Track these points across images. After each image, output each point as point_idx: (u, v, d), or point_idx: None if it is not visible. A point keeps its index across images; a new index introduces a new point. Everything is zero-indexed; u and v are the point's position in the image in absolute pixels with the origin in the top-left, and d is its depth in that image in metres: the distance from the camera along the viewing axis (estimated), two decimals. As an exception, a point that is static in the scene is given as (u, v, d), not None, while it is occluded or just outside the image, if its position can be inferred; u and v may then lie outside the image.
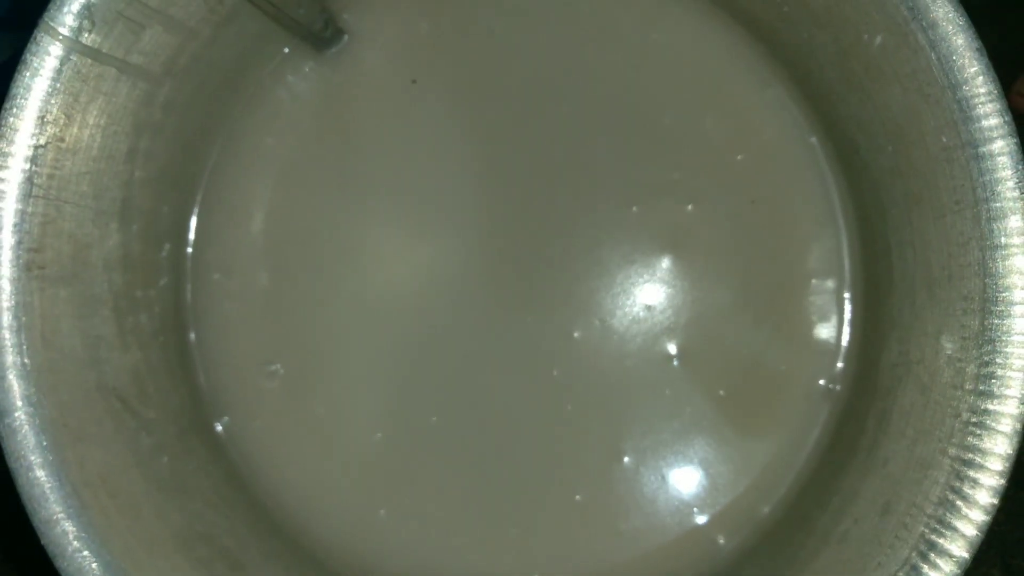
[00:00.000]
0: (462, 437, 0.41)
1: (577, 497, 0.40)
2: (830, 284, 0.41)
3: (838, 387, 0.40)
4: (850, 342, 0.40)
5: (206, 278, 0.42)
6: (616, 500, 0.40)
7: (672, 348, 0.41)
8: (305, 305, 0.42)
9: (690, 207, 0.41)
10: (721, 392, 0.41)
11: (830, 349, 0.41)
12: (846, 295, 0.41)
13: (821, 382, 0.40)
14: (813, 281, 0.41)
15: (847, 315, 0.41)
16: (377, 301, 0.42)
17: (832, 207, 0.41)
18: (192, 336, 0.42)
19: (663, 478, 0.40)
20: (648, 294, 0.42)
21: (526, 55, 0.43)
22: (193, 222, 0.43)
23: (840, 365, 0.40)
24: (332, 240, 0.43)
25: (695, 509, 0.40)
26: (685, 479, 0.40)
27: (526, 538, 0.41)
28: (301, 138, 0.43)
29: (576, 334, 0.41)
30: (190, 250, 0.43)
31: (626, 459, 0.41)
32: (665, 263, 0.42)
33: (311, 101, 0.43)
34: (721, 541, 0.40)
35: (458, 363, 0.42)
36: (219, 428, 0.42)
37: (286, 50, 0.43)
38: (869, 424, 0.36)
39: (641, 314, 0.41)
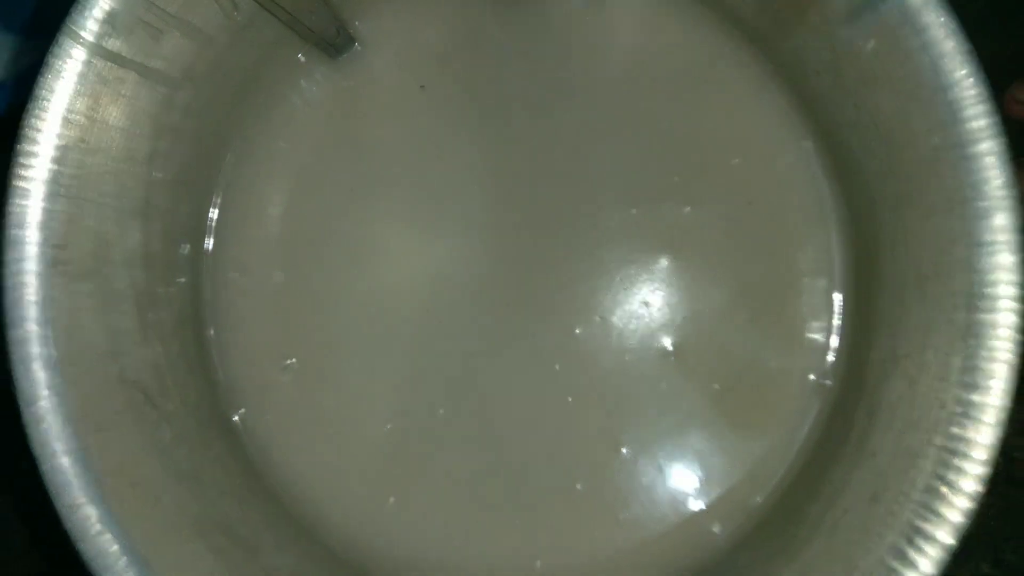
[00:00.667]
0: (468, 428, 0.42)
1: (578, 487, 0.41)
2: (822, 282, 0.42)
3: (829, 382, 0.41)
4: (841, 338, 0.41)
5: (223, 276, 0.43)
6: (615, 490, 0.41)
7: (669, 344, 0.42)
8: (318, 302, 0.43)
9: (687, 209, 0.42)
10: (716, 387, 0.42)
11: (822, 345, 0.41)
12: (837, 293, 0.41)
13: (812, 377, 0.41)
14: (806, 280, 0.42)
15: (838, 312, 0.41)
16: (387, 298, 0.43)
17: (825, 208, 0.42)
18: (211, 332, 0.43)
19: (660, 469, 0.41)
20: (647, 293, 0.43)
21: (530, 62, 0.44)
22: (211, 222, 0.44)
23: (831, 361, 0.41)
24: (343, 240, 0.44)
25: (691, 499, 0.41)
26: (682, 470, 0.41)
27: (529, 526, 0.41)
28: (314, 142, 0.44)
29: (577, 330, 0.42)
30: (208, 249, 0.44)
31: (624, 450, 0.41)
32: (663, 263, 0.43)
33: (323, 106, 0.44)
34: (716, 530, 0.41)
35: (464, 358, 0.43)
36: (236, 420, 0.43)
37: (300, 56, 0.44)
38: (858, 417, 0.37)
39: (640, 311, 0.42)
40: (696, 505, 0.41)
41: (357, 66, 0.45)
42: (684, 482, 0.41)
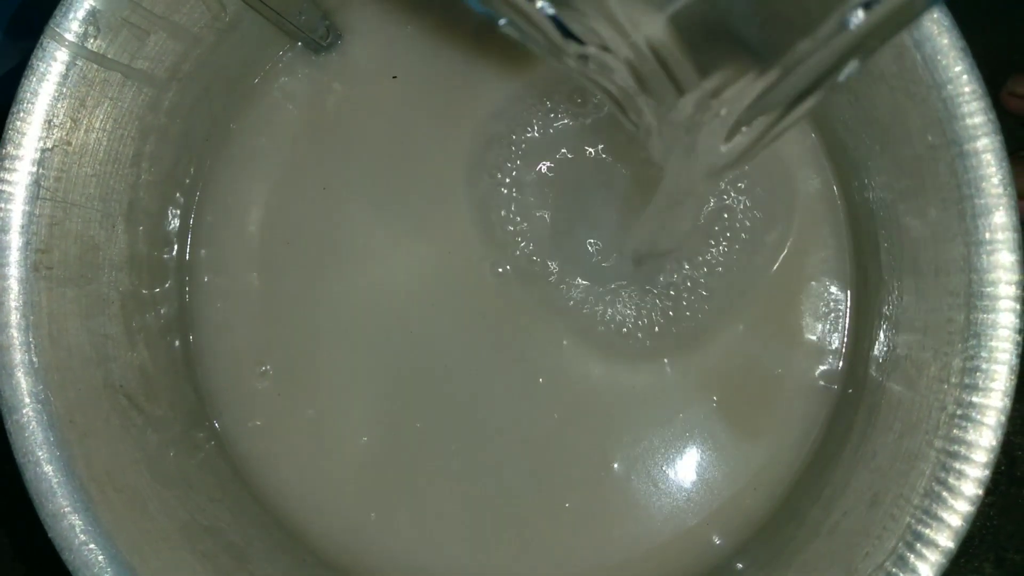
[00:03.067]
0: (448, 443, 0.41)
1: (567, 504, 0.40)
2: (824, 283, 0.41)
3: (834, 386, 0.40)
4: (843, 340, 0.40)
5: (201, 279, 0.43)
6: (608, 507, 0.40)
7: (668, 349, 0.41)
8: (294, 306, 0.42)
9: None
10: (715, 397, 0.41)
11: (825, 348, 0.40)
12: (840, 294, 0.41)
13: (817, 382, 0.40)
14: (808, 281, 0.41)
15: (840, 313, 0.41)
16: (363, 303, 0.42)
17: (826, 207, 0.41)
18: (191, 336, 0.42)
19: (656, 484, 0.40)
20: (644, 296, 0.42)
21: (515, 50, 0.43)
22: (192, 224, 0.43)
23: (834, 363, 0.40)
24: (319, 241, 0.42)
25: (690, 513, 0.40)
26: (679, 483, 0.40)
27: (518, 543, 0.40)
28: (294, 139, 0.43)
29: (565, 341, 0.41)
30: (189, 251, 0.43)
31: (616, 466, 0.40)
32: (662, 261, 0.42)
33: (304, 102, 0.43)
34: (717, 541, 0.40)
35: (445, 368, 0.41)
36: (218, 427, 0.42)
37: (281, 53, 0.44)
38: (859, 418, 0.36)
39: (636, 314, 0.41)
40: (695, 518, 0.40)
41: (340, 62, 0.43)
42: (682, 496, 0.40)
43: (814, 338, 0.41)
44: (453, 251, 0.42)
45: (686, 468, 0.40)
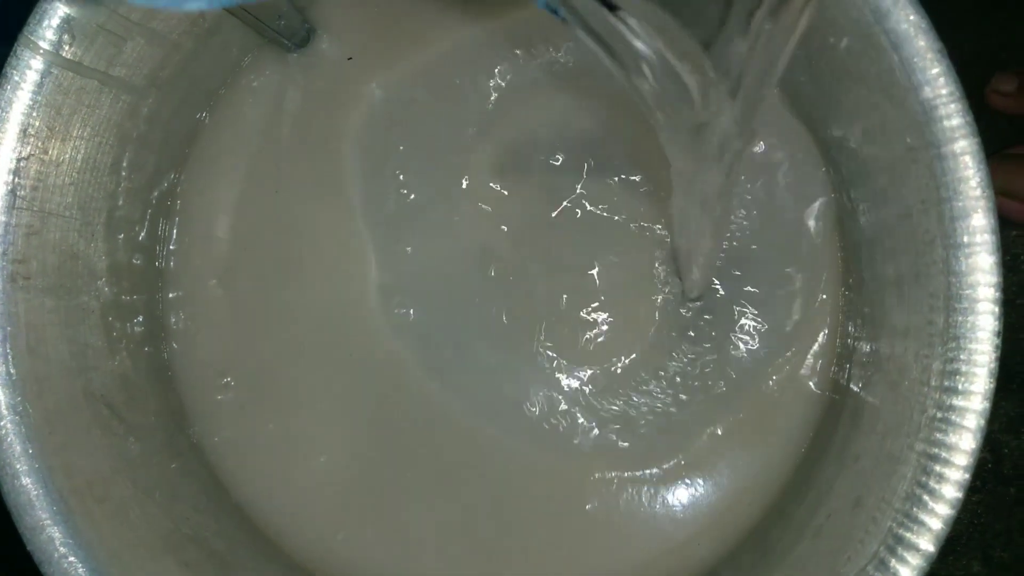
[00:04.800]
0: (408, 467, 0.40)
1: (539, 532, 0.40)
2: (814, 287, 0.40)
3: (822, 391, 0.40)
4: (829, 344, 0.40)
5: (173, 287, 0.42)
6: (583, 536, 0.40)
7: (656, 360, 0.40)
8: (254, 318, 0.42)
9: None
10: (712, 429, 0.40)
11: (813, 353, 0.40)
12: (826, 299, 0.40)
13: (808, 389, 0.40)
14: (798, 285, 0.40)
15: (825, 318, 0.40)
16: (321, 317, 0.41)
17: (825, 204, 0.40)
18: (163, 345, 0.42)
19: (640, 509, 0.40)
20: (629, 303, 0.41)
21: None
22: (163, 232, 0.42)
23: (822, 369, 0.40)
24: (279, 250, 0.42)
25: (676, 534, 0.39)
26: (665, 511, 0.39)
27: (488, 566, 0.40)
28: (266, 142, 0.42)
29: (540, 359, 0.41)
30: (162, 260, 0.42)
31: (588, 507, 0.40)
32: (653, 268, 0.41)
33: (276, 104, 0.43)
34: (703, 553, 0.39)
35: (403, 390, 0.41)
36: (192, 437, 0.41)
37: (256, 51, 0.43)
38: (843, 421, 0.36)
39: (621, 325, 0.41)
40: (682, 535, 0.39)
41: (310, 61, 0.43)
42: (668, 521, 0.39)
43: (803, 345, 0.40)
44: (425, 262, 0.41)
45: (674, 497, 0.40)
